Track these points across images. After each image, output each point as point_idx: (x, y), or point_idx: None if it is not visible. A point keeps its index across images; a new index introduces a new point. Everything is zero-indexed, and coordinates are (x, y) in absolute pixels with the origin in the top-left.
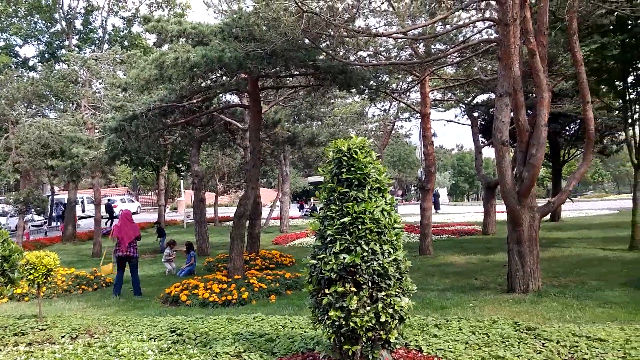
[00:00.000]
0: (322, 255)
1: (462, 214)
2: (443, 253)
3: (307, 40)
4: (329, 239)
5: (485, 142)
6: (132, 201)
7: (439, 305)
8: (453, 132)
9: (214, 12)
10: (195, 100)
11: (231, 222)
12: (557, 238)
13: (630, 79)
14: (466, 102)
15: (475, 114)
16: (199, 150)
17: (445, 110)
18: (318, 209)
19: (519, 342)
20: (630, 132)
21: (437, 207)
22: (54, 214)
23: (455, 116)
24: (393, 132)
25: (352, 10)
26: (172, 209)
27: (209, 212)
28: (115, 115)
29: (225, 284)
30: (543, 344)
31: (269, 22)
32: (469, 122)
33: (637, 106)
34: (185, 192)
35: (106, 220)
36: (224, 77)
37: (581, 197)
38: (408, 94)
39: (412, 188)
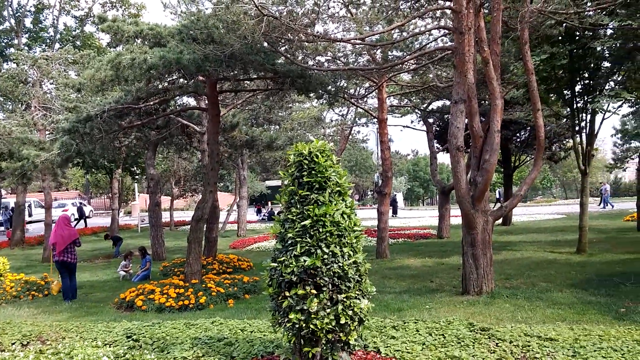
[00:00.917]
0: (283, 258)
1: (418, 218)
2: (399, 256)
3: (266, 44)
4: (289, 242)
5: (440, 147)
6: (84, 205)
7: (396, 307)
8: (409, 137)
9: (171, 13)
10: (152, 102)
11: (187, 227)
12: (508, 241)
13: (577, 88)
14: (422, 108)
15: (431, 120)
16: (155, 153)
17: (401, 116)
18: (276, 212)
19: (473, 343)
20: (578, 139)
21: (395, 212)
22: (0, 218)
23: (411, 122)
24: (350, 137)
25: (312, 16)
26: (126, 213)
27: (165, 216)
28: (68, 116)
29: (182, 289)
30: (497, 343)
31: (228, 24)
32: (424, 128)
33: (583, 115)
34: (139, 196)
35: (76, 222)
36: (182, 79)
37: (531, 202)
38: (366, 99)
39: (369, 193)
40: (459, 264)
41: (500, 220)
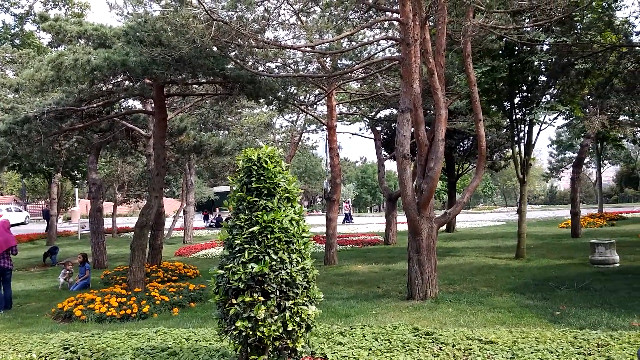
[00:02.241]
0: (230, 265)
1: (366, 224)
2: (347, 262)
3: (215, 49)
4: (237, 249)
5: (388, 155)
6: (20, 210)
7: (344, 314)
8: (358, 144)
9: (117, 14)
10: (95, 105)
11: (131, 233)
12: (452, 247)
13: (516, 100)
14: (370, 116)
15: (379, 128)
16: (98, 157)
17: (350, 124)
18: (224, 219)
19: (418, 347)
20: (516, 149)
21: (349, 219)
22: None
23: (360, 130)
24: (300, 143)
25: (262, 22)
26: (66, 219)
27: (107, 223)
28: (4, 117)
29: (125, 297)
30: (440, 347)
31: (177, 28)
32: (372, 135)
33: (522, 125)
34: (80, 202)
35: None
36: (128, 82)
37: (473, 209)
38: (315, 106)
39: (319, 199)
40: (404, 270)
41: (444, 227)
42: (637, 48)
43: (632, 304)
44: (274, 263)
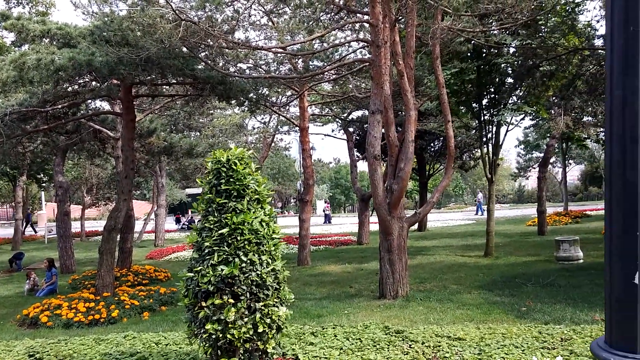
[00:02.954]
0: (200, 268)
1: (339, 225)
2: (320, 263)
3: (185, 49)
4: (206, 251)
5: (360, 156)
6: None
7: (316, 314)
8: (331, 145)
9: (83, 13)
10: (60, 106)
11: (100, 237)
12: (423, 246)
13: (484, 101)
14: (342, 117)
15: (351, 129)
16: (64, 160)
17: (322, 125)
18: (197, 221)
19: (388, 345)
20: (485, 149)
21: (329, 220)
22: None
23: (332, 130)
24: (273, 144)
25: (232, 22)
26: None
27: (75, 226)
28: None
29: (93, 302)
30: (410, 345)
31: (144, 27)
32: (345, 136)
33: (490, 126)
34: (47, 205)
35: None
36: (94, 82)
37: (445, 208)
38: (288, 107)
39: (292, 200)
40: (377, 269)
41: (416, 226)
42: (599, 51)
43: (594, 299)
44: (244, 265)
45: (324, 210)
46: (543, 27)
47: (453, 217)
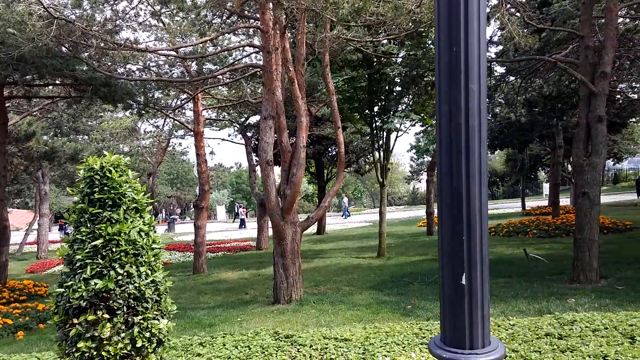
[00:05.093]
0: (71, 283)
1: (240, 230)
2: (217, 270)
3: (64, 48)
4: (78, 264)
5: (258, 160)
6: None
7: (208, 323)
8: (233, 150)
9: None
10: None
11: None
12: (321, 249)
13: (376, 108)
14: (240, 122)
15: (249, 134)
16: None
17: (219, 129)
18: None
19: (277, 351)
20: (377, 155)
21: (244, 224)
22: None
23: (229, 135)
24: (169, 149)
25: (116, 22)
26: None
27: None
28: None
29: None
30: (298, 349)
31: (13, 25)
32: (243, 141)
33: (381, 132)
34: None
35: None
36: None
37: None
38: (183, 111)
39: (192, 206)
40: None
41: (315, 230)
42: None
43: None
44: (120, 278)
45: (239, 214)
46: (427, 39)
47: (352, 219)
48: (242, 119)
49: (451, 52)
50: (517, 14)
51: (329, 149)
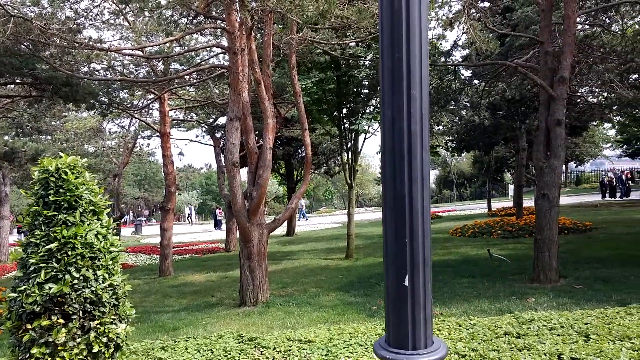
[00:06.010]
0: (24, 287)
1: (209, 232)
2: (184, 273)
3: (24, 47)
4: (32, 269)
5: None
6: None
7: (172, 327)
8: (203, 151)
9: None
10: None
11: None
12: (290, 251)
13: (344, 110)
14: (208, 123)
15: (218, 135)
16: None
17: (187, 130)
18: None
19: (239, 354)
20: (346, 156)
21: (218, 225)
22: None
23: (197, 136)
24: (137, 149)
25: (77, 21)
26: None
27: None
28: None
29: None
30: (262, 352)
31: None
32: (212, 142)
33: (350, 134)
34: None
35: None
36: None
37: (315, 212)
38: (150, 111)
39: (158, 208)
40: None
41: (285, 231)
42: (440, 65)
43: (436, 294)
44: (75, 282)
45: (215, 216)
46: None
47: (322, 220)
48: (210, 120)
49: (394, 58)
50: (480, 20)
51: (299, 151)
